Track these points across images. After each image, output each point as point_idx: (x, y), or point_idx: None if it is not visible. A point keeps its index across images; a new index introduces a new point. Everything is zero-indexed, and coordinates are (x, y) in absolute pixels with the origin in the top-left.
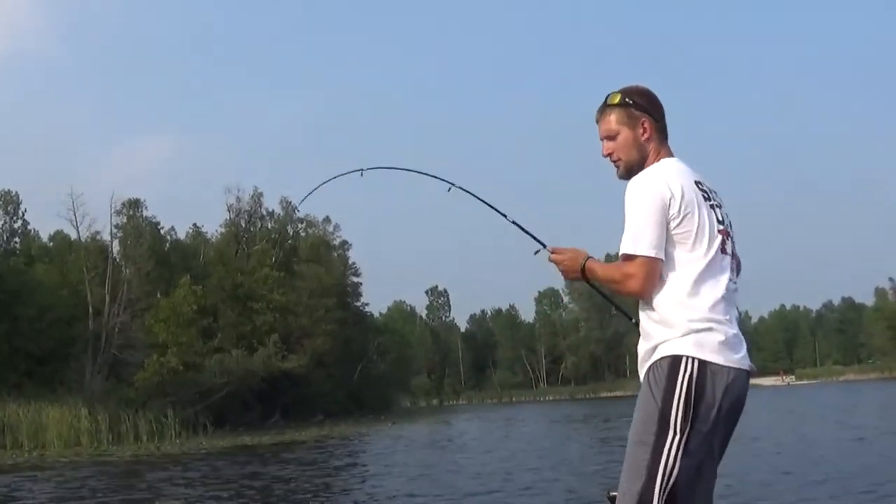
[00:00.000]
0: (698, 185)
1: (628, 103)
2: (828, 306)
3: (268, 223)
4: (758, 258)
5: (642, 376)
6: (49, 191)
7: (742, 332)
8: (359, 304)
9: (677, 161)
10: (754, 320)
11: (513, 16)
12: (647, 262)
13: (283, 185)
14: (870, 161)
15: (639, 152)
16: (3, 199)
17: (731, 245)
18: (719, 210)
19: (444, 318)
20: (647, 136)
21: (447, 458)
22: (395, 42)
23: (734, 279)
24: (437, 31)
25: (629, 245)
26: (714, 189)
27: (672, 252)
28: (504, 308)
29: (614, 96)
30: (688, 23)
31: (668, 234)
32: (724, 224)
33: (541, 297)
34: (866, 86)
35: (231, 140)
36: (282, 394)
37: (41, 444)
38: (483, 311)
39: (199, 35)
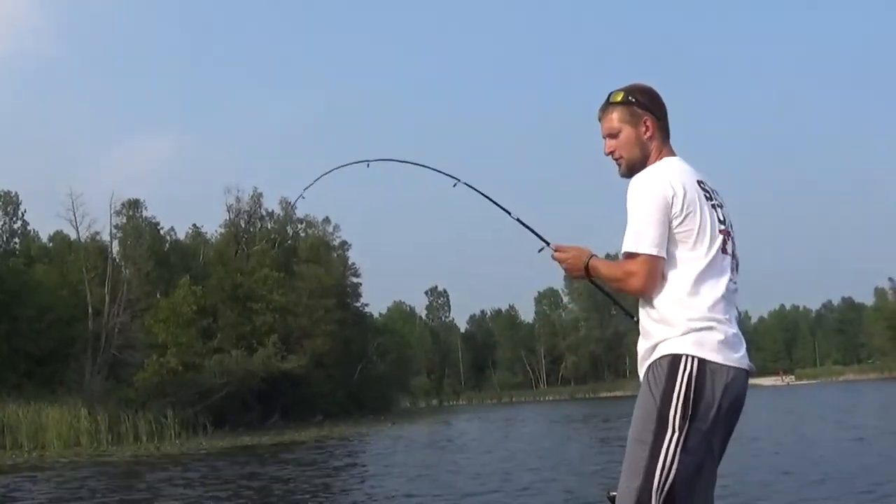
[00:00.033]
0: (700, 184)
1: (631, 101)
2: (827, 306)
3: (267, 223)
4: (758, 258)
5: (642, 375)
6: (49, 191)
7: (742, 332)
8: (358, 304)
9: (679, 160)
10: (754, 320)
11: (513, 16)
12: (648, 260)
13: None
14: (870, 161)
15: (641, 151)
16: (2, 199)
17: (731, 245)
18: (721, 210)
19: (443, 318)
20: (650, 135)
21: (447, 459)
22: (395, 42)
23: (734, 279)
24: (437, 31)
25: (631, 243)
26: (715, 189)
27: (673, 251)
28: (504, 308)
29: (617, 94)
30: (688, 23)
31: (669, 232)
32: (725, 224)
33: (540, 298)
34: (866, 86)
35: (231, 140)
36: (281, 394)
37: (41, 445)
38: (483, 311)
39: (199, 35)
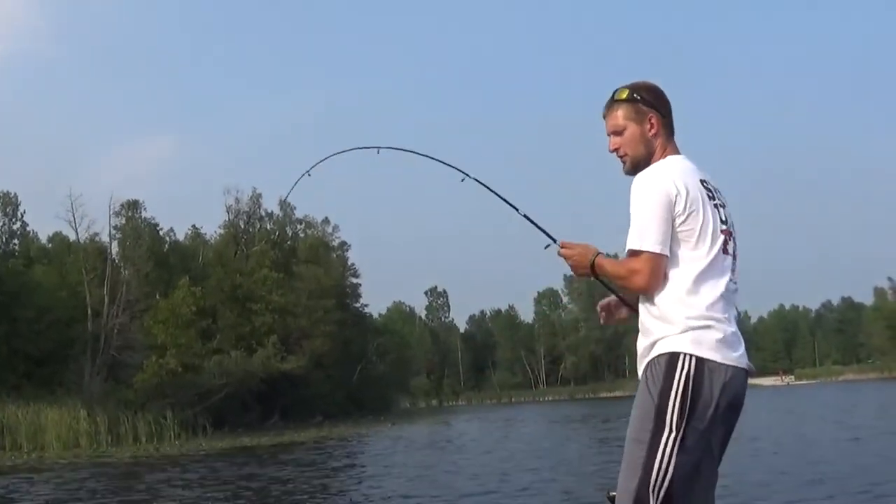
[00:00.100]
0: (703, 183)
1: (636, 99)
2: (827, 306)
3: (267, 224)
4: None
5: (641, 372)
6: (48, 192)
7: (741, 332)
8: (358, 304)
9: (683, 158)
10: (753, 320)
11: (513, 16)
12: (652, 257)
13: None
14: (869, 161)
15: (646, 148)
16: (2, 200)
17: (732, 245)
18: (723, 210)
19: (443, 318)
20: (654, 132)
21: (446, 459)
22: (395, 42)
23: (734, 279)
24: (437, 31)
25: (635, 241)
26: (718, 188)
27: (675, 249)
28: (503, 308)
29: (622, 91)
30: (688, 23)
31: (672, 231)
32: (727, 224)
33: (540, 298)
34: (866, 86)
35: (230, 141)
36: (281, 395)
37: (40, 446)
38: (482, 311)
39: (199, 35)
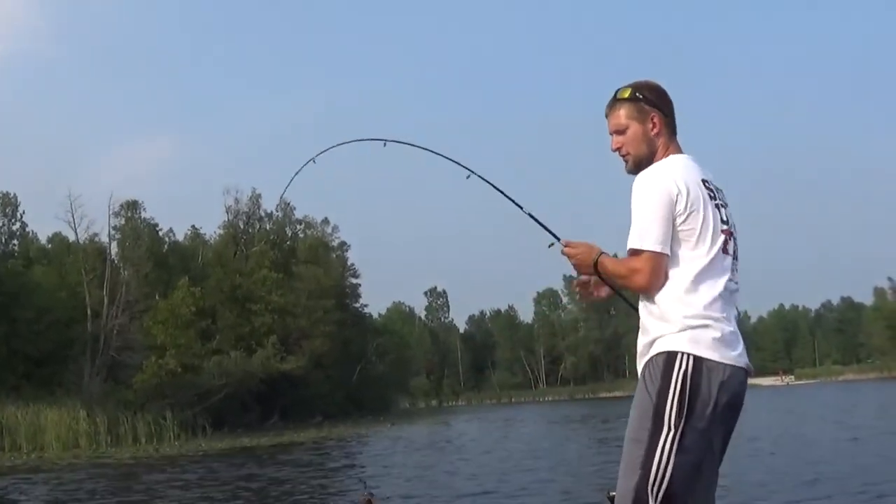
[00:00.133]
0: (705, 183)
1: (638, 98)
2: (827, 306)
3: (266, 224)
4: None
5: (640, 370)
6: (47, 192)
7: (741, 332)
8: (357, 305)
9: (686, 157)
10: (753, 320)
11: (513, 16)
12: (652, 256)
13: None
14: (870, 161)
15: (648, 147)
16: (1, 200)
17: (733, 245)
18: (724, 210)
19: (442, 318)
20: (657, 131)
21: (445, 460)
22: (395, 42)
23: (735, 279)
24: (437, 31)
25: (636, 240)
26: (720, 188)
27: (675, 249)
28: (503, 309)
29: (624, 91)
30: (688, 23)
31: (672, 230)
32: (727, 224)
33: (539, 298)
34: (866, 86)
35: (230, 141)
36: (280, 395)
37: (39, 447)
38: (482, 311)
39: (199, 35)
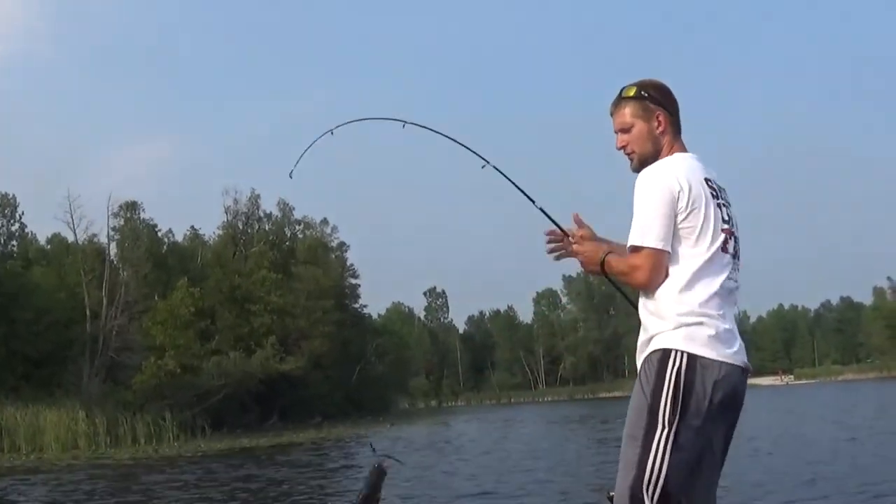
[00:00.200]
0: (707, 182)
1: (644, 96)
2: (826, 306)
3: (265, 225)
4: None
5: (639, 366)
6: (46, 193)
7: (740, 332)
8: (357, 305)
9: (690, 156)
10: (752, 320)
11: (513, 16)
12: (653, 253)
13: (280, 187)
14: (870, 161)
15: (653, 145)
16: (0, 201)
17: (733, 244)
18: (726, 209)
19: (442, 319)
20: (662, 130)
21: (444, 460)
22: (395, 42)
23: (734, 277)
24: (437, 31)
25: (637, 237)
26: (724, 188)
27: (675, 246)
28: (502, 309)
29: (629, 89)
30: (688, 23)
31: (673, 227)
32: (729, 223)
33: (539, 298)
34: (866, 85)
35: (230, 141)
36: (280, 396)
37: (38, 448)
38: (481, 312)
39: (199, 35)
